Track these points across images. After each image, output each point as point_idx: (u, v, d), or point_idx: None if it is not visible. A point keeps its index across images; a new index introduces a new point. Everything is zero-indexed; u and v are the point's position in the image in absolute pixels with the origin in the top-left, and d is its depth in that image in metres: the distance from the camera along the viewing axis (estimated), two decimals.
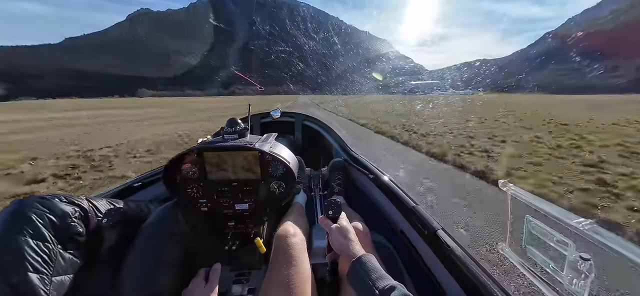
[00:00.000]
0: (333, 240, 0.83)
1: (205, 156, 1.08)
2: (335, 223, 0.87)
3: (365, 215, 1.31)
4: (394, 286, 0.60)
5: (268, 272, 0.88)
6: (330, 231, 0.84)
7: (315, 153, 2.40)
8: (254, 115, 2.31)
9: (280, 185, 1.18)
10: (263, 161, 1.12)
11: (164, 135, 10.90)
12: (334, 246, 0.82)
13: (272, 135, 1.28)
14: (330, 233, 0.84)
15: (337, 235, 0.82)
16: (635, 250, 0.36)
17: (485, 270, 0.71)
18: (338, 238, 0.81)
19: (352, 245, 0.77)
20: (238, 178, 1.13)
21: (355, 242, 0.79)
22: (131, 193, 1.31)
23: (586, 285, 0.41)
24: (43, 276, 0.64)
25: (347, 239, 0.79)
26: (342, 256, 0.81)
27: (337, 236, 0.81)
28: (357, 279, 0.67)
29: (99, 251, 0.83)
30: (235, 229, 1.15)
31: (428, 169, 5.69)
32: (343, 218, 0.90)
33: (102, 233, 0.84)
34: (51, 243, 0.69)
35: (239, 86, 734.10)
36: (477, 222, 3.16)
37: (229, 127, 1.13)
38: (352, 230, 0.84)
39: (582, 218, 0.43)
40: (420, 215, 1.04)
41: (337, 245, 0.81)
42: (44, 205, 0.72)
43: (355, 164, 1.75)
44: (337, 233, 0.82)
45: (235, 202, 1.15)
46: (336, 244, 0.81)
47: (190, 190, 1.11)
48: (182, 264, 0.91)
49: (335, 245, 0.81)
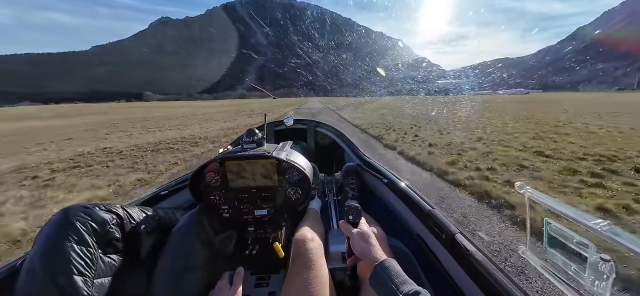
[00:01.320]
0: (355, 245, 0.83)
1: (227, 165, 1.14)
2: (356, 228, 0.88)
3: (380, 219, 1.30)
4: (419, 291, 0.59)
5: (287, 276, 0.91)
6: (352, 236, 0.85)
7: (328, 159, 2.40)
8: (268, 123, 2.11)
9: (296, 191, 1.22)
10: (280, 168, 1.18)
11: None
12: (356, 250, 0.83)
13: (287, 143, 1.33)
14: (351, 238, 0.85)
15: (358, 239, 0.83)
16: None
17: (507, 274, 0.70)
18: (360, 242, 0.82)
19: (374, 249, 0.78)
20: (257, 185, 1.18)
21: (377, 247, 0.79)
22: (159, 201, 1.38)
23: (608, 286, 0.41)
24: (86, 278, 0.70)
25: (369, 244, 0.80)
26: (364, 261, 0.80)
27: (359, 241, 0.82)
28: (380, 283, 0.68)
29: (134, 255, 0.89)
30: (255, 234, 1.20)
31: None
32: (363, 223, 0.91)
33: (137, 239, 0.90)
34: (93, 248, 0.75)
35: (249, 92, 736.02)
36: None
37: (248, 137, 1.20)
38: (373, 235, 0.85)
39: (600, 219, 0.43)
40: (437, 218, 1.02)
41: (358, 249, 0.81)
42: (87, 213, 0.79)
43: (368, 168, 1.75)
44: (359, 237, 0.83)
45: (255, 208, 1.20)
46: (358, 248, 0.82)
47: (213, 197, 1.17)
48: (208, 267, 0.95)
49: (357, 250, 0.82)
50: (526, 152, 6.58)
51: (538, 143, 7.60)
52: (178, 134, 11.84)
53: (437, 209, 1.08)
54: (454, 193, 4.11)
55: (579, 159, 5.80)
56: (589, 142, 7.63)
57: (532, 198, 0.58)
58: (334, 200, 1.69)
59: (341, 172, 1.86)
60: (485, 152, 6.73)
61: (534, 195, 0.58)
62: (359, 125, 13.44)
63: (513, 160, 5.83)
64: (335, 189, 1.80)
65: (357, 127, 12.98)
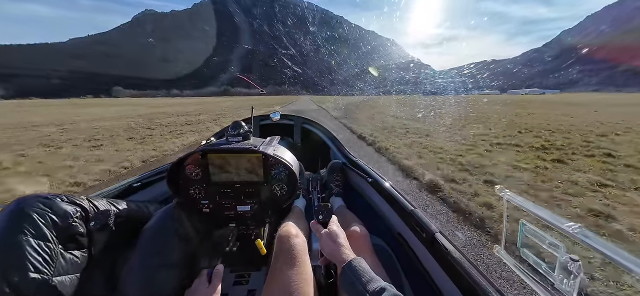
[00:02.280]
0: (323, 245, 0.83)
1: (210, 158, 1.09)
2: (325, 228, 0.86)
3: (363, 217, 1.31)
4: (384, 287, 0.60)
5: (270, 272, 0.89)
6: (320, 237, 0.85)
7: (313, 156, 2.39)
8: (253, 117, 2.21)
9: (282, 187, 1.19)
10: (266, 163, 1.14)
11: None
12: (325, 251, 0.82)
13: (275, 138, 1.30)
14: (320, 239, 0.85)
15: (326, 240, 0.82)
16: (618, 252, 0.38)
17: (482, 273, 0.73)
18: (328, 243, 0.81)
19: (342, 249, 0.78)
20: (241, 180, 1.14)
21: (345, 247, 0.79)
22: (131, 193, 1.30)
23: (575, 285, 0.44)
24: (44, 276, 0.64)
25: (337, 244, 0.80)
26: (333, 261, 0.80)
27: (327, 242, 0.82)
28: (348, 283, 0.68)
29: (101, 251, 0.83)
30: (236, 230, 1.15)
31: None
32: (333, 222, 0.89)
33: (104, 234, 0.84)
34: (52, 243, 0.69)
35: (233, 87, 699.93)
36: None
37: (233, 130, 1.14)
38: (343, 235, 0.84)
39: (572, 222, 0.46)
40: (419, 218, 1.04)
41: (327, 250, 0.81)
42: (46, 205, 0.72)
43: (353, 167, 1.75)
44: (327, 238, 0.83)
45: (237, 203, 1.16)
46: (327, 250, 0.81)
47: (192, 191, 1.12)
48: (184, 265, 0.91)
49: (326, 251, 0.82)
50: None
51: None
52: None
53: (418, 209, 1.10)
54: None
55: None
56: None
57: (510, 201, 0.60)
58: (318, 198, 1.68)
59: (326, 169, 1.85)
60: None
61: (512, 198, 0.60)
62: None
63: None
64: (319, 187, 1.77)
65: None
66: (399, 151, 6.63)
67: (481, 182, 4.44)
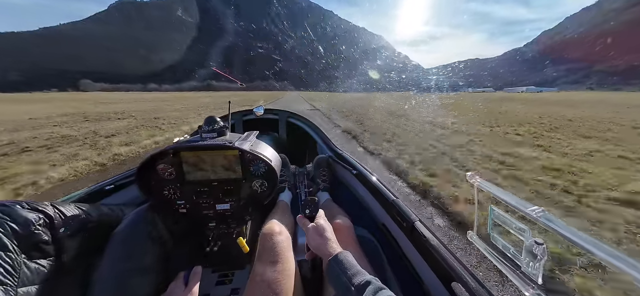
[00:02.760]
0: (310, 239, 0.83)
1: (183, 156, 1.05)
2: (312, 222, 0.87)
3: (349, 210, 1.33)
4: (369, 281, 0.61)
5: (252, 271, 0.88)
6: (307, 231, 0.85)
7: (300, 150, 2.38)
8: (235, 112, 2.23)
9: (262, 183, 1.17)
10: (244, 160, 1.11)
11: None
12: (311, 245, 0.83)
13: (253, 133, 1.26)
14: (307, 233, 0.85)
15: (313, 234, 0.82)
16: (579, 234, 0.40)
17: (456, 257, 0.76)
18: (314, 237, 0.82)
19: (329, 243, 0.78)
20: (218, 178, 1.10)
21: (331, 241, 0.79)
22: (103, 197, 1.24)
23: (540, 267, 0.46)
24: (7, 287, 0.62)
25: (324, 238, 0.80)
26: (319, 255, 0.81)
27: (314, 236, 0.82)
28: (334, 277, 0.69)
29: (68, 259, 0.79)
30: (216, 230, 1.13)
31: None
32: (320, 216, 0.89)
33: (74, 240, 0.80)
34: (14, 252, 0.66)
35: (217, 82, 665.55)
36: None
37: (208, 126, 1.10)
38: (329, 228, 0.84)
39: (536, 206, 0.47)
40: (400, 208, 1.07)
41: (313, 244, 0.81)
42: (4, 213, 0.69)
43: (339, 160, 1.76)
44: (314, 232, 0.83)
45: (216, 202, 1.13)
46: (313, 243, 0.81)
47: (167, 191, 1.08)
48: (159, 269, 0.89)
49: (312, 245, 0.82)
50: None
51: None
52: None
53: (400, 199, 1.13)
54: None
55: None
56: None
57: (480, 187, 0.62)
58: (305, 192, 1.66)
59: (313, 163, 1.84)
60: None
61: (482, 185, 0.61)
62: None
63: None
64: (306, 181, 1.76)
65: None
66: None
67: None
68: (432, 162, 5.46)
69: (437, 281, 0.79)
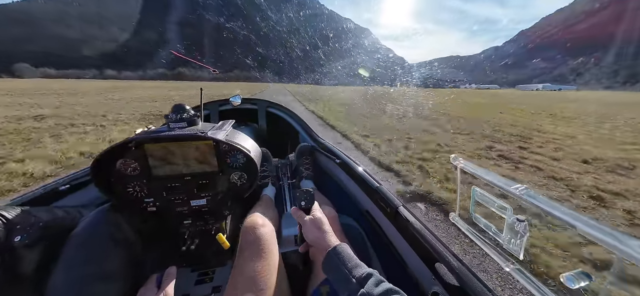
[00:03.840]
0: (307, 233, 0.80)
1: (147, 149, 0.94)
2: (308, 215, 0.84)
3: (333, 198, 1.34)
4: (371, 273, 0.61)
5: (234, 267, 0.84)
6: (304, 224, 0.82)
7: (281, 141, 2.31)
8: (210, 102, 2.11)
9: (241, 176, 1.09)
10: (219, 151, 1.02)
11: None
12: (309, 238, 0.80)
13: (228, 122, 1.19)
14: (304, 225, 0.82)
15: (311, 227, 0.80)
16: (561, 208, 0.40)
17: (439, 239, 0.78)
18: (313, 230, 0.79)
19: (328, 236, 0.77)
20: (191, 172, 1.01)
21: (330, 233, 0.78)
22: (57, 198, 1.10)
23: (522, 244, 0.47)
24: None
25: (322, 231, 0.78)
26: (318, 248, 0.78)
27: (312, 229, 0.79)
28: (333, 268, 0.68)
29: (17, 270, 0.69)
30: (192, 227, 1.06)
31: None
32: (316, 208, 0.87)
33: (21, 250, 0.70)
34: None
35: (187, 68, 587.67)
36: None
37: (175, 114, 0.99)
38: (326, 221, 0.82)
39: (519, 184, 0.48)
40: (383, 194, 1.08)
41: (312, 237, 0.79)
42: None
43: (322, 150, 1.73)
44: (312, 225, 0.80)
45: (190, 197, 1.04)
46: (311, 237, 0.79)
47: (131, 189, 0.97)
48: (127, 275, 0.81)
49: (310, 238, 0.79)
50: None
51: None
52: None
53: (383, 185, 1.14)
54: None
55: None
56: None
57: (464, 169, 0.62)
58: (288, 184, 1.63)
59: (295, 152, 1.79)
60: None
61: (466, 166, 0.62)
62: None
63: None
64: (289, 172, 1.73)
65: None
66: None
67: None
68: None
69: (421, 264, 0.81)
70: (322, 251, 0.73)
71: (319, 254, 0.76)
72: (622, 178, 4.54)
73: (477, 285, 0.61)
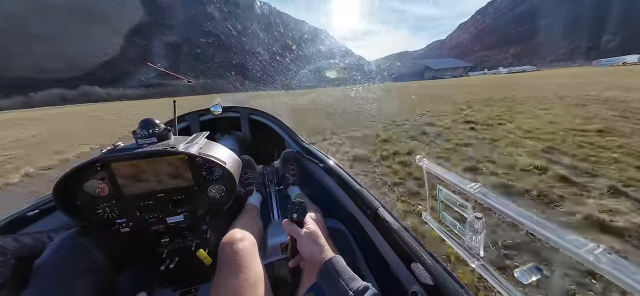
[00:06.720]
0: (303, 247, 0.78)
1: (114, 168, 0.90)
2: (301, 227, 0.81)
3: (320, 203, 1.35)
4: (367, 286, 0.62)
5: (212, 287, 0.81)
6: (299, 238, 0.79)
7: (266, 148, 2.26)
8: (188, 113, 2.07)
9: (219, 188, 1.07)
10: (193, 165, 1.00)
11: None
12: (304, 253, 0.78)
13: (201, 134, 1.16)
14: (299, 239, 0.79)
15: (307, 241, 0.77)
16: (510, 206, 0.42)
17: (415, 238, 0.80)
18: (308, 244, 0.77)
19: (324, 250, 0.76)
20: (165, 188, 0.98)
21: (325, 246, 0.77)
22: (25, 225, 1.05)
23: (481, 240, 0.49)
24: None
25: (318, 244, 0.76)
26: (313, 261, 0.77)
27: (308, 244, 0.77)
28: (329, 279, 0.67)
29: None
30: (171, 245, 1.01)
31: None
32: (309, 221, 0.84)
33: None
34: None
35: (179, 86, 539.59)
36: None
37: (143, 130, 0.95)
38: (320, 233, 0.80)
39: (474, 183, 0.49)
40: (363, 196, 1.09)
41: (308, 252, 0.77)
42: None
43: (307, 155, 1.73)
44: (308, 239, 0.78)
45: (166, 215, 1.01)
46: (307, 251, 0.77)
47: (100, 211, 0.94)
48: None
49: (306, 253, 0.77)
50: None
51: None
52: None
53: (364, 187, 1.15)
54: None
55: None
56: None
57: (428, 169, 0.65)
58: (275, 191, 1.63)
59: (280, 159, 1.77)
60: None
61: (430, 167, 0.64)
62: None
63: None
64: (276, 179, 1.72)
65: None
66: None
67: None
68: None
69: (401, 264, 0.81)
70: (316, 263, 0.72)
71: (308, 264, 0.74)
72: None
73: (451, 283, 0.62)
